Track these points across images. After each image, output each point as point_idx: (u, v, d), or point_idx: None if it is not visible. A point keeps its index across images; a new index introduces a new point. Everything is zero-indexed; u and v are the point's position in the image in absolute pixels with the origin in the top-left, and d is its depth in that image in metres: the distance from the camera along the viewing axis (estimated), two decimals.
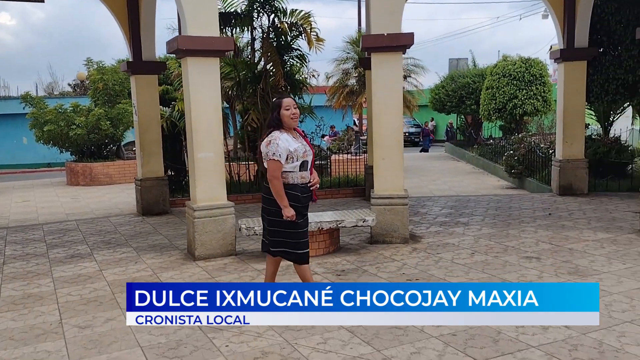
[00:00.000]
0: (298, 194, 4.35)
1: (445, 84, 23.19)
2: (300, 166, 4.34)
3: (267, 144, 4.30)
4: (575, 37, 9.89)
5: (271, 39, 10.91)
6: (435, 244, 6.85)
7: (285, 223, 4.33)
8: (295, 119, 4.38)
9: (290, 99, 4.45)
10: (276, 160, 4.24)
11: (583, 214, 8.45)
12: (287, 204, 4.27)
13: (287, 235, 4.39)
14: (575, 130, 10.24)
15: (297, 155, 4.30)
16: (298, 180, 4.36)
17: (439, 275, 5.54)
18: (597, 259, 5.93)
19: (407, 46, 6.72)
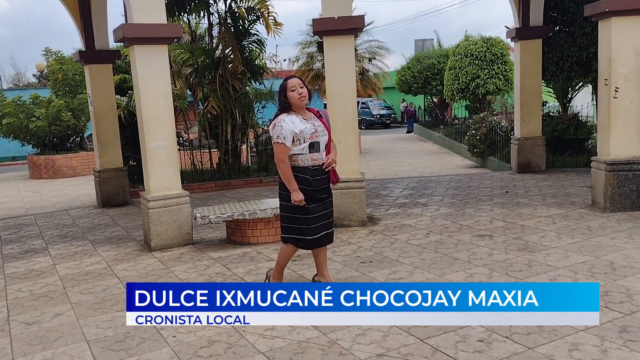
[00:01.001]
0: (308, 177, 4.20)
1: (411, 66, 23.32)
2: (311, 147, 4.18)
3: (272, 127, 4.23)
4: (530, 16, 10.00)
5: (229, 24, 10.78)
6: (393, 226, 6.91)
7: (295, 208, 4.22)
8: (304, 99, 4.22)
9: (296, 79, 4.30)
10: (280, 143, 4.13)
11: (539, 191, 8.62)
12: (296, 187, 4.16)
13: (297, 220, 4.28)
14: (532, 108, 10.40)
15: (304, 136, 4.15)
16: (309, 162, 4.21)
17: (392, 257, 5.60)
18: (548, 234, 6.06)
19: (358, 29, 6.71)
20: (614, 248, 5.39)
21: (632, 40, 6.57)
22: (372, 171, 13.49)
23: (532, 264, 5.09)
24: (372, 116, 33.93)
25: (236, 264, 5.62)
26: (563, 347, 3.41)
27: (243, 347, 3.70)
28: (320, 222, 4.33)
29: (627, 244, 5.47)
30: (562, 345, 3.44)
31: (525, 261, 5.17)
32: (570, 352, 3.34)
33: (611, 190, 6.73)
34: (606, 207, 6.78)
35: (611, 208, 6.74)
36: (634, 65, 6.62)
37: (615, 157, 6.73)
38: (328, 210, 4.41)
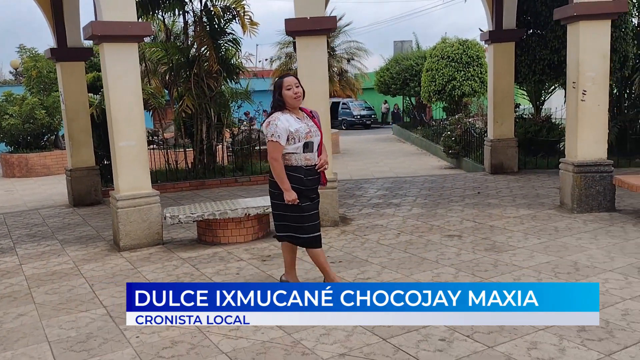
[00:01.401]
0: (301, 177, 4.19)
1: (390, 67, 23.41)
2: (305, 147, 4.18)
3: (267, 125, 4.18)
4: (504, 19, 10.12)
5: (204, 22, 10.72)
6: (365, 226, 6.94)
7: (289, 206, 4.20)
8: (298, 98, 4.20)
9: (292, 78, 4.26)
10: (275, 142, 4.10)
11: (510, 192, 8.73)
12: (289, 187, 4.13)
13: (291, 219, 4.27)
14: (505, 110, 10.53)
15: (299, 135, 4.14)
16: (302, 162, 4.20)
17: (362, 257, 5.62)
18: (515, 234, 6.14)
19: (331, 30, 6.74)
20: (578, 248, 5.49)
21: (598, 44, 6.69)
22: (349, 171, 13.53)
23: (498, 263, 5.15)
24: (353, 117, 34.04)
25: (205, 264, 5.60)
26: (522, 345, 3.47)
27: (206, 347, 3.68)
28: (314, 222, 4.33)
29: (591, 245, 5.58)
30: (521, 344, 3.49)
31: (491, 261, 5.24)
32: (529, 351, 3.39)
33: (578, 192, 6.85)
34: (573, 208, 6.89)
35: (578, 209, 6.86)
36: (601, 68, 6.75)
37: (583, 159, 6.85)
38: (317, 210, 4.42)
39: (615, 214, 6.76)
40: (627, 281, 4.52)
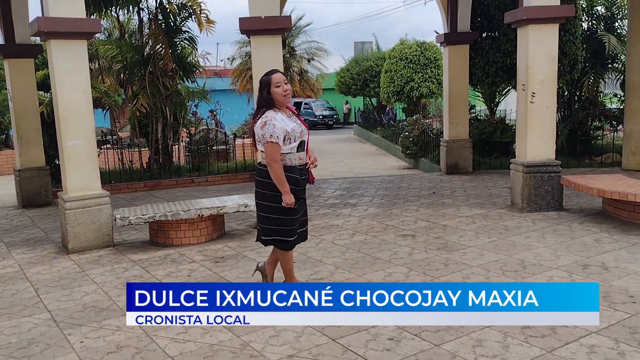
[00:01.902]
0: (297, 177, 4.08)
1: (350, 67, 23.56)
2: (299, 146, 4.08)
3: (263, 125, 3.97)
4: (458, 22, 10.30)
5: (159, 20, 10.53)
6: (320, 226, 6.94)
7: (281, 209, 4.06)
8: (288, 95, 4.07)
9: (280, 74, 4.12)
10: (274, 143, 3.93)
11: (464, 192, 8.89)
12: (289, 189, 3.99)
13: (281, 222, 4.12)
14: (460, 112, 10.72)
15: (294, 135, 4.02)
16: (296, 161, 4.09)
17: (316, 257, 5.62)
18: (467, 234, 6.25)
19: (285, 29, 6.71)
20: (526, 247, 5.62)
21: (547, 47, 6.87)
22: None
23: (448, 262, 5.23)
24: (315, 117, 34.08)
25: (156, 267, 5.49)
26: (468, 343, 3.52)
27: (152, 351, 3.61)
28: (298, 222, 4.25)
29: (539, 243, 5.72)
30: (467, 341, 3.55)
31: (442, 260, 5.31)
32: (474, 349, 3.45)
33: (528, 191, 7.02)
34: (523, 208, 7.07)
35: (528, 208, 7.03)
36: (549, 71, 6.94)
37: (532, 159, 7.03)
38: (305, 209, 4.34)
39: (563, 213, 6.97)
40: (571, 278, 4.65)
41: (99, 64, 13.06)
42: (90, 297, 4.73)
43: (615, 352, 3.32)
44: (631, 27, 10.19)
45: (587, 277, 4.64)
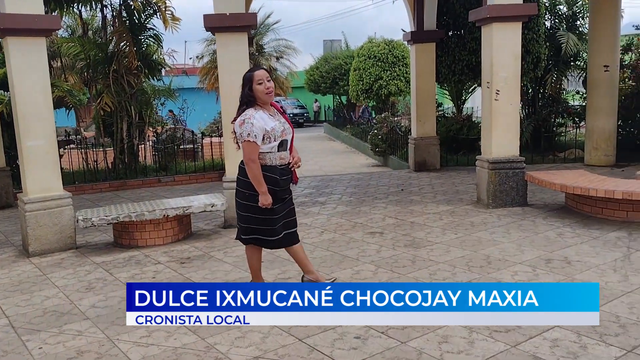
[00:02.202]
0: (277, 177, 3.99)
1: (320, 66, 23.56)
2: (279, 146, 3.98)
3: (241, 123, 3.89)
4: (425, 20, 10.38)
5: (124, 17, 10.33)
6: None
7: (260, 209, 3.99)
8: (270, 93, 3.98)
9: (263, 71, 4.03)
10: (252, 142, 3.86)
11: (432, 189, 8.96)
12: (266, 190, 3.92)
13: (261, 221, 4.04)
14: (427, 110, 10.80)
15: (274, 134, 3.93)
16: (277, 161, 4.00)
17: (284, 256, 5.55)
18: (434, 230, 6.30)
19: (251, 26, 6.64)
20: (491, 242, 5.69)
21: (511, 45, 6.96)
22: None
23: (415, 259, 5.26)
24: None
25: (120, 269, 5.38)
26: (434, 340, 3.54)
27: (114, 356, 3.52)
28: (282, 222, 4.16)
29: (504, 238, 5.80)
30: (433, 338, 3.56)
31: (410, 257, 5.34)
32: (440, 345, 3.47)
33: (493, 188, 7.12)
34: (489, 204, 7.16)
35: (493, 204, 7.13)
36: (513, 69, 7.04)
37: (497, 156, 7.12)
38: (290, 208, 4.24)
39: (528, 209, 7.08)
40: (535, 273, 4.72)
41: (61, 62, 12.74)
42: (51, 301, 4.60)
43: (578, 346, 3.37)
44: (592, 26, 10.42)
45: (551, 272, 4.72)
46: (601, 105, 10.27)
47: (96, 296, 4.66)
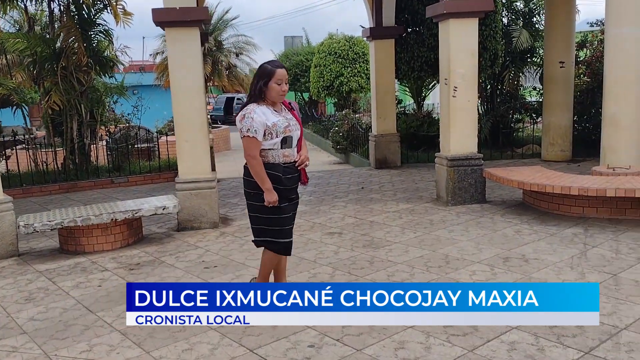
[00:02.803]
0: (279, 175, 3.77)
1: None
2: (283, 142, 3.76)
3: (241, 118, 3.70)
4: (383, 16, 10.30)
5: (72, 12, 9.89)
6: (246, 226, 6.67)
7: (267, 208, 3.79)
8: (283, 95, 3.80)
9: (284, 71, 3.78)
10: (251, 137, 3.66)
11: (392, 186, 8.89)
12: (270, 186, 3.72)
13: (269, 221, 3.86)
14: (387, 106, 10.73)
15: (276, 130, 3.72)
16: (280, 159, 3.78)
17: (239, 260, 5.39)
18: (393, 229, 6.20)
19: (202, 21, 6.41)
20: (450, 241, 5.63)
21: (468, 42, 6.92)
22: (238, 169, 13.05)
23: (374, 260, 5.14)
24: None
25: (64, 277, 5.08)
26: (390, 346, 3.42)
27: None
28: (291, 224, 3.98)
29: (462, 237, 5.74)
30: (389, 344, 3.44)
31: (368, 258, 5.22)
32: (396, 352, 3.35)
33: (452, 185, 7.07)
34: (448, 201, 7.11)
35: (452, 202, 7.09)
36: (470, 65, 6.99)
37: (455, 153, 7.08)
38: (295, 212, 4.04)
39: (486, 205, 7.06)
40: (493, 272, 4.66)
41: (6, 58, 12.17)
42: None
43: (535, 348, 3.30)
44: (547, 23, 10.53)
45: (509, 270, 4.67)
46: (557, 101, 10.39)
47: (36, 308, 4.38)
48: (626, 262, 4.71)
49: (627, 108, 6.69)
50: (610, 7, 6.79)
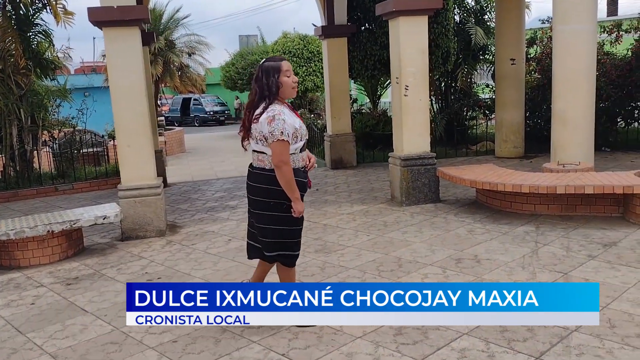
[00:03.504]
0: (303, 180, 3.53)
1: (236, 62, 22.97)
2: (302, 146, 3.54)
3: (270, 120, 3.33)
4: (335, 14, 10.16)
5: (8, 11, 9.39)
6: (194, 234, 6.45)
7: (287, 219, 3.47)
8: (295, 88, 3.52)
9: (288, 62, 3.54)
10: (285, 141, 3.32)
11: (347, 187, 8.76)
12: (299, 195, 3.42)
13: (289, 234, 3.55)
14: (341, 105, 10.61)
15: (301, 133, 3.48)
16: (300, 163, 3.52)
17: (184, 270, 5.15)
18: (346, 232, 6.06)
19: (142, 20, 6.11)
20: (403, 243, 5.52)
21: (418, 40, 6.83)
22: (191, 172, 12.88)
23: (325, 266, 4.99)
24: (206, 113, 33.02)
25: None
26: (338, 359, 3.26)
27: None
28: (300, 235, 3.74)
29: (415, 238, 5.64)
30: (337, 357, 3.28)
31: (319, 264, 5.06)
32: None
33: (406, 185, 6.98)
34: (402, 201, 7.02)
35: (407, 202, 7.00)
36: (421, 64, 6.92)
37: (408, 152, 6.99)
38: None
39: (440, 205, 7.00)
40: (445, 274, 4.57)
41: None
42: None
43: (486, 355, 3.20)
44: (498, 20, 10.60)
45: (461, 272, 4.59)
46: (509, 98, 10.47)
47: None
48: (577, 260, 4.70)
49: (576, 104, 6.73)
50: (557, 4, 6.82)
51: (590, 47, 6.72)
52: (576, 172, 6.22)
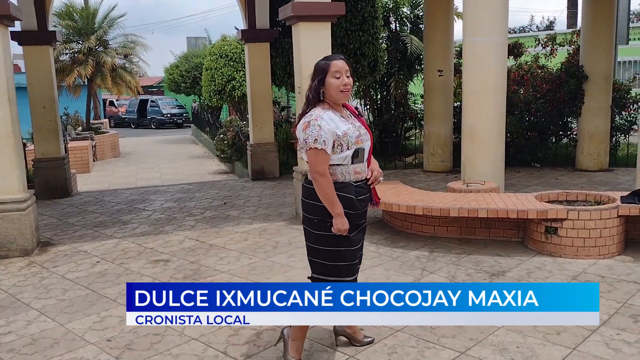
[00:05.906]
0: (352, 197, 3.03)
1: (180, 64, 22.24)
2: (354, 156, 3.03)
3: (305, 126, 2.96)
4: (257, 18, 9.67)
5: None
6: (64, 254, 5.82)
7: (333, 238, 3.04)
8: (347, 91, 3.04)
9: (343, 62, 3.04)
10: (320, 149, 2.91)
11: (258, 200, 8.25)
12: (341, 211, 2.97)
13: (335, 256, 3.08)
14: (263, 114, 10.13)
15: (347, 140, 2.99)
16: (351, 176, 3.04)
17: (26, 300, 4.53)
18: (229, 255, 5.54)
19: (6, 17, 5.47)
20: (284, 269, 5.03)
21: (320, 46, 6.33)
22: (111, 180, 12.15)
23: None
24: (162, 115, 32.05)
25: None
26: None
27: None
28: (357, 259, 3.24)
29: (300, 263, 5.11)
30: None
31: None
32: None
33: None
34: None
35: None
36: None
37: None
38: (363, 241, 3.29)
39: None
40: None
41: None
42: None
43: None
44: (427, 30, 10.30)
45: None
46: (437, 110, 10.18)
47: None
48: None
49: (484, 119, 6.41)
50: (466, 16, 6.49)
51: (500, 60, 6.39)
52: (478, 192, 5.85)
